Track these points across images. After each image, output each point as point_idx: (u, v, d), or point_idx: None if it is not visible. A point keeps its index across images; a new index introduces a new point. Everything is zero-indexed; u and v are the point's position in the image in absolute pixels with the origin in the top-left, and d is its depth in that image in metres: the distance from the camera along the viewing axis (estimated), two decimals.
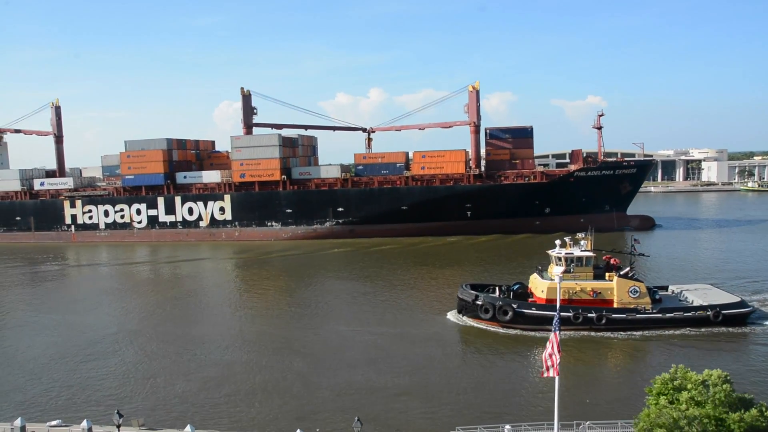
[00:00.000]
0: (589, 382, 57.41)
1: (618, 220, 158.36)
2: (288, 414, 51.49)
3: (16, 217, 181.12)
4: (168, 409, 53.41)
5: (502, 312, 71.12)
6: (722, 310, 68.92)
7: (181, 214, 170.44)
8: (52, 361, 67.65)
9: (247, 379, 60.05)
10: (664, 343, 66.43)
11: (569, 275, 69.87)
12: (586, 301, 70.07)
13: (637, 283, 70.96)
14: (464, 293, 75.59)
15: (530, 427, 41.55)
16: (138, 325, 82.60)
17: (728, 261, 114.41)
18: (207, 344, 72.08)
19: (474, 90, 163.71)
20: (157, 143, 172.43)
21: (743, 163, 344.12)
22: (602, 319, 68.63)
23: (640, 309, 69.51)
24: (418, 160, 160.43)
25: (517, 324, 70.76)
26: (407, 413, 50.52)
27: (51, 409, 54.14)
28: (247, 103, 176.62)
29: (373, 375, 59.66)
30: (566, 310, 67.82)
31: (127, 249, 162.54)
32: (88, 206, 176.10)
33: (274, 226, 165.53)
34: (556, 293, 65.69)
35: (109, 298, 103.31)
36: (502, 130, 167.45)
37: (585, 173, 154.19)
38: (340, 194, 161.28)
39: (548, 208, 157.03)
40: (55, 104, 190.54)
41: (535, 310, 70.74)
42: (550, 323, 67.69)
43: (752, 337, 68.06)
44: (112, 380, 61.06)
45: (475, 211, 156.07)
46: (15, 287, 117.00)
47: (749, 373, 56.70)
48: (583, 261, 70.99)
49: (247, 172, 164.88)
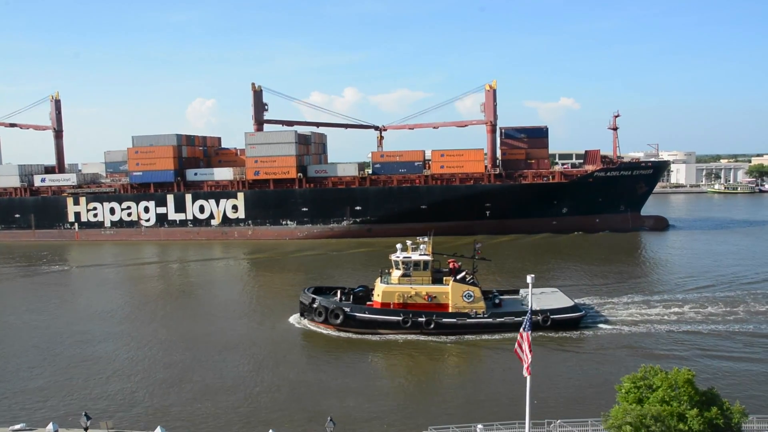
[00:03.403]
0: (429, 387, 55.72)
1: (633, 220, 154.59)
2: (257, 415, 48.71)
3: (15, 214, 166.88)
4: (138, 410, 50.02)
5: (333, 315, 69.07)
6: (551, 315, 67.30)
7: (191, 212, 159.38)
8: (15, 363, 63.07)
9: (224, 382, 56.28)
10: (492, 347, 64.27)
11: (406, 279, 68.61)
12: (421, 305, 67.95)
13: (472, 288, 68.30)
14: (304, 296, 72.83)
15: (502, 426, 40.10)
16: (126, 327, 77.21)
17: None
18: (183, 348, 66.89)
19: (491, 89, 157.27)
20: (166, 139, 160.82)
21: (710, 166, 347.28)
22: (431, 323, 66.56)
23: (472, 314, 67.04)
24: (436, 158, 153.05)
25: (349, 327, 68.69)
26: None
27: (16, 411, 50.16)
28: (258, 99, 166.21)
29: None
30: (397, 314, 67.01)
31: (135, 248, 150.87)
32: (92, 203, 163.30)
33: (289, 224, 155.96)
34: (390, 297, 67.79)
35: (100, 297, 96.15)
36: (517, 130, 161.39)
37: (604, 174, 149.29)
38: (359, 193, 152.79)
39: (565, 208, 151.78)
40: (54, 97, 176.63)
41: (367, 313, 68.63)
42: (382, 327, 68.07)
43: (573, 341, 65.44)
44: (80, 382, 56.81)
45: (494, 211, 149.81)
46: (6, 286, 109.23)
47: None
48: (421, 265, 68.73)
49: (261, 169, 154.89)
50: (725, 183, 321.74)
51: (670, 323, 69.98)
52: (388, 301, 67.94)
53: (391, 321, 67.30)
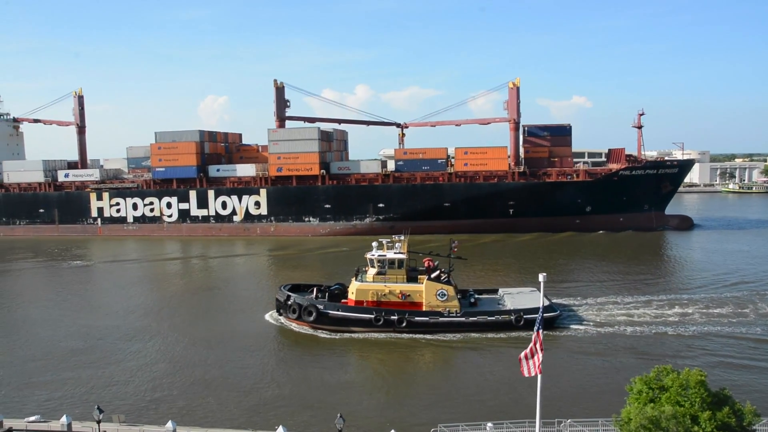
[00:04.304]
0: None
1: (657, 219, 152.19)
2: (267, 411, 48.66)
3: (40, 209, 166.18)
4: (150, 405, 50.18)
5: (306, 312, 68.92)
6: (525, 315, 66.25)
7: (214, 208, 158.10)
8: (34, 358, 63.40)
9: (236, 378, 56.27)
10: (467, 346, 63.86)
11: (380, 277, 68.30)
12: (395, 303, 67.67)
13: (446, 287, 67.77)
14: (280, 293, 73.25)
15: (512, 425, 39.85)
16: (144, 322, 76.90)
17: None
18: (197, 346, 66.34)
19: (515, 87, 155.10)
20: (189, 135, 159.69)
21: (724, 165, 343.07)
22: (403, 321, 66.23)
23: (445, 312, 66.58)
24: (460, 156, 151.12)
25: (322, 324, 68.57)
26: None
27: (30, 404, 50.55)
28: (281, 96, 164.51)
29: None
30: (370, 312, 66.75)
31: (157, 244, 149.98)
32: (115, 199, 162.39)
33: (311, 221, 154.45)
34: (364, 295, 67.32)
35: (119, 293, 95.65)
36: (540, 128, 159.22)
37: (629, 172, 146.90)
38: (382, 190, 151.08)
39: (589, 207, 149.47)
40: (78, 93, 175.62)
41: (340, 311, 68.34)
42: (355, 324, 67.19)
43: (550, 340, 64.36)
44: (94, 376, 57.12)
45: (517, 209, 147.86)
46: (28, 280, 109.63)
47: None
48: (396, 263, 68.32)
49: (284, 165, 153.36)
50: (740, 182, 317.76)
51: (697, 325, 68.84)
52: (362, 299, 67.73)
53: (364, 319, 67.24)
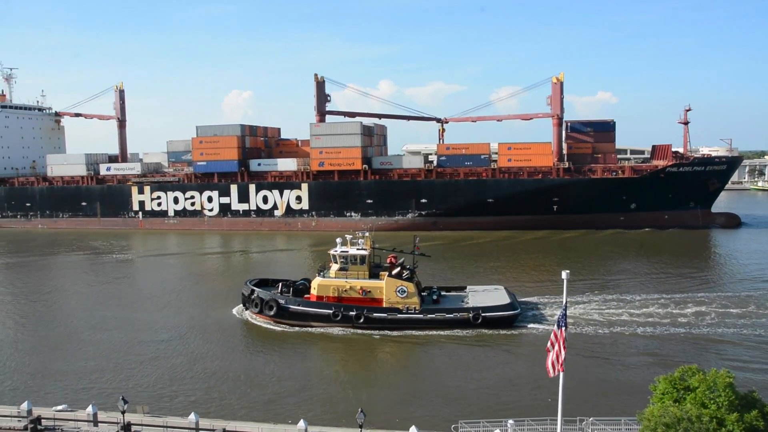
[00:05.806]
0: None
1: (703, 217, 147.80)
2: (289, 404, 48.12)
3: (82, 202, 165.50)
4: (174, 396, 50.19)
5: (267, 306, 68.44)
6: (483, 313, 65.31)
7: (255, 202, 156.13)
8: (61, 347, 64.04)
9: (257, 372, 55.89)
10: (426, 344, 63.01)
11: (343, 273, 67.99)
12: (356, 299, 67.17)
13: (406, 283, 66.83)
14: (245, 288, 72.64)
15: (533, 422, 39.11)
16: (179, 318, 75.09)
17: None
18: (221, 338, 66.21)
19: (558, 82, 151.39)
20: (230, 129, 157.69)
21: (753, 162, 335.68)
22: (361, 317, 65.51)
23: (403, 309, 65.71)
24: (503, 152, 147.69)
25: (282, 318, 68.27)
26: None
27: (59, 393, 50.78)
28: (321, 91, 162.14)
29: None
30: (329, 308, 66.43)
31: (197, 238, 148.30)
32: (156, 192, 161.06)
33: (353, 216, 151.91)
34: (325, 291, 67.19)
35: (156, 286, 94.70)
36: (583, 124, 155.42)
37: (676, 169, 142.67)
38: (424, 185, 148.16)
39: (634, 204, 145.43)
40: (119, 88, 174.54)
41: (300, 306, 68.10)
42: (314, 319, 67.04)
43: (503, 339, 63.32)
44: (120, 367, 57.21)
45: (561, 206, 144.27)
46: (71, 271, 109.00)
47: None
48: (358, 259, 67.80)
49: (326, 160, 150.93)
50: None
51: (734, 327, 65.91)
52: (323, 294, 67.57)
53: (323, 314, 66.34)
